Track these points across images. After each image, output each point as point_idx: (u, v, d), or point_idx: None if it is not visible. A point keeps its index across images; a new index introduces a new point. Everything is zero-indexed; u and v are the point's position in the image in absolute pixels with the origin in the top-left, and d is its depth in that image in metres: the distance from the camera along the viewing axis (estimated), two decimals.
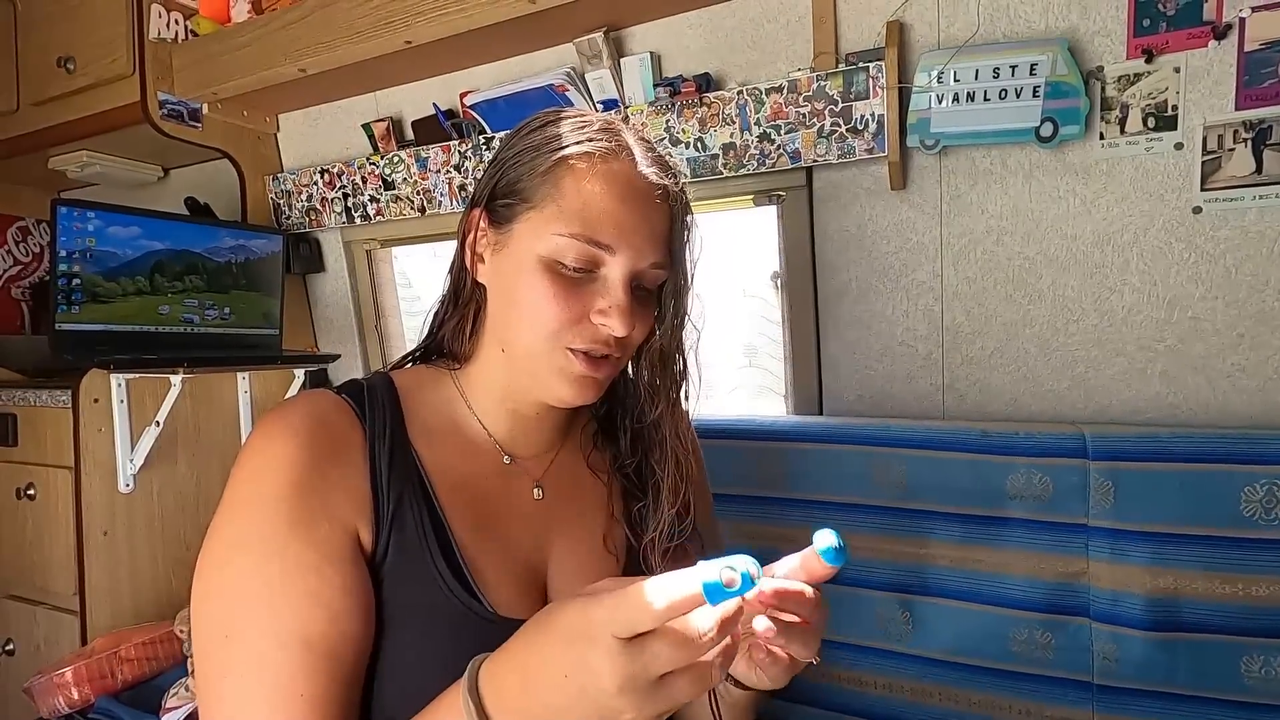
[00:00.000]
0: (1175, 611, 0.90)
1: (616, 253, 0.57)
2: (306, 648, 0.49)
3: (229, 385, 1.54)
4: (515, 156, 0.61)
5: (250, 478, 0.53)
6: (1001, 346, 1.10)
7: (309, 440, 0.54)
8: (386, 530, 0.56)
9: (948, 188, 1.10)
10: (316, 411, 0.57)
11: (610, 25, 1.24)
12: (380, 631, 0.54)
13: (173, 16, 1.49)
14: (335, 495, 0.54)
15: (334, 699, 0.50)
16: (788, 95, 1.11)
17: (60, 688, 1.15)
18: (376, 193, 1.53)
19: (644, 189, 0.59)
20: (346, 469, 0.56)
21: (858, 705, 1.04)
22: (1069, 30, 0.99)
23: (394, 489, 0.57)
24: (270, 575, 0.50)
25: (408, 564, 0.56)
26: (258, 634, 0.49)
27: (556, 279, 0.57)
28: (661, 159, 0.63)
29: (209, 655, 0.50)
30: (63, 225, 1.28)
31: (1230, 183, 0.94)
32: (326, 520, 0.53)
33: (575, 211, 0.56)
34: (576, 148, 0.58)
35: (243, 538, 0.52)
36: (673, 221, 0.62)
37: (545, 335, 0.57)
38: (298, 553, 0.51)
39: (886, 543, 1.03)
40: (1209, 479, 0.89)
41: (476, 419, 0.65)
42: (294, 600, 0.50)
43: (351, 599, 0.52)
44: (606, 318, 0.57)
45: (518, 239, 0.59)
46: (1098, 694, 0.93)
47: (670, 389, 0.66)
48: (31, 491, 1.38)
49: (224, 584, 0.51)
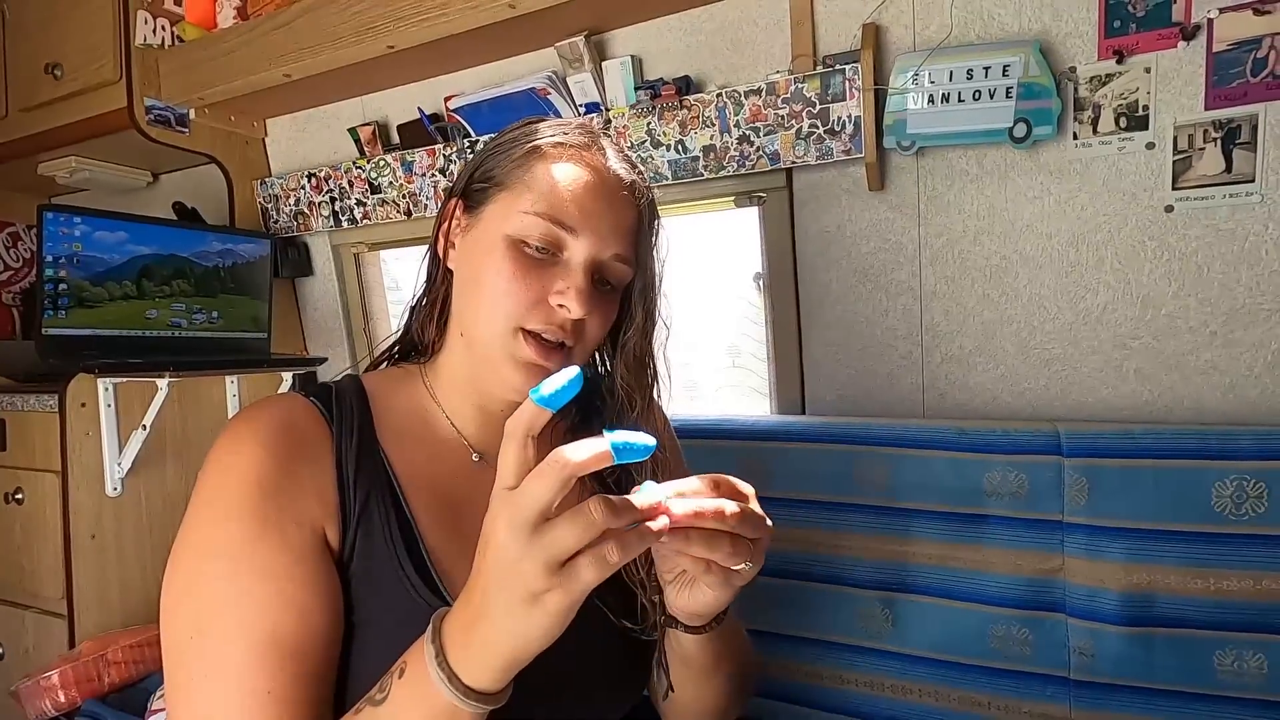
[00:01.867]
0: (1150, 607, 0.90)
1: (579, 236, 0.58)
2: (274, 646, 0.50)
3: (217, 389, 1.55)
4: (494, 148, 0.63)
5: (216, 481, 0.54)
6: (980, 345, 1.11)
7: (275, 442, 0.55)
8: (353, 532, 0.56)
9: (925, 188, 1.11)
10: (282, 414, 0.58)
11: (592, 29, 1.25)
12: (349, 633, 0.55)
13: (159, 23, 1.50)
14: (302, 497, 0.55)
15: (302, 698, 0.50)
16: (766, 97, 1.12)
17: (47, 691, 1.15)
18: (363, 196, 1.54)
19: (612, 181, 0.61)
20: (313, 470, 0.56)
21: (839, 703, 1.05)
22: (1041, 32, 1.00)
23: (361, 490, 0.57)
24: (237, 576, 0.51)
25: (375, 566, 0.56)
26: (225, 633, 0.50)
27: (519, 258, 0.58)
28: (632, 161, 0.65)
29: (177, 656, 0.51)
30: (49, 231, 1.29)
31: (1201, 182, 0.95)
32: (294, 521, 0.53)
33: (543, 193, 0.58)
34: (551, 138, 0.61)
35: (209, 541, 0.52)
36: (639, 219, 0.63)
37: (503, 314, 0.58)
38: (265, 554, 0.51)
39: (868, 541, 1.04)
40: (1182, 475, 0.90)
41: (445, 417, 0.65)
42: (261, 600, 0.50)
43: (319, 598, 0.53)
44: (564, 298, 0.58)
45: (487, 220, 0.61)
46: (1075, 689, 0.94)
47: (645, 390, 0.67)
48: (20, 496, 1.38)
49: (192, 586, 0.52)
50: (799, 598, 1.07)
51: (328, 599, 0.53)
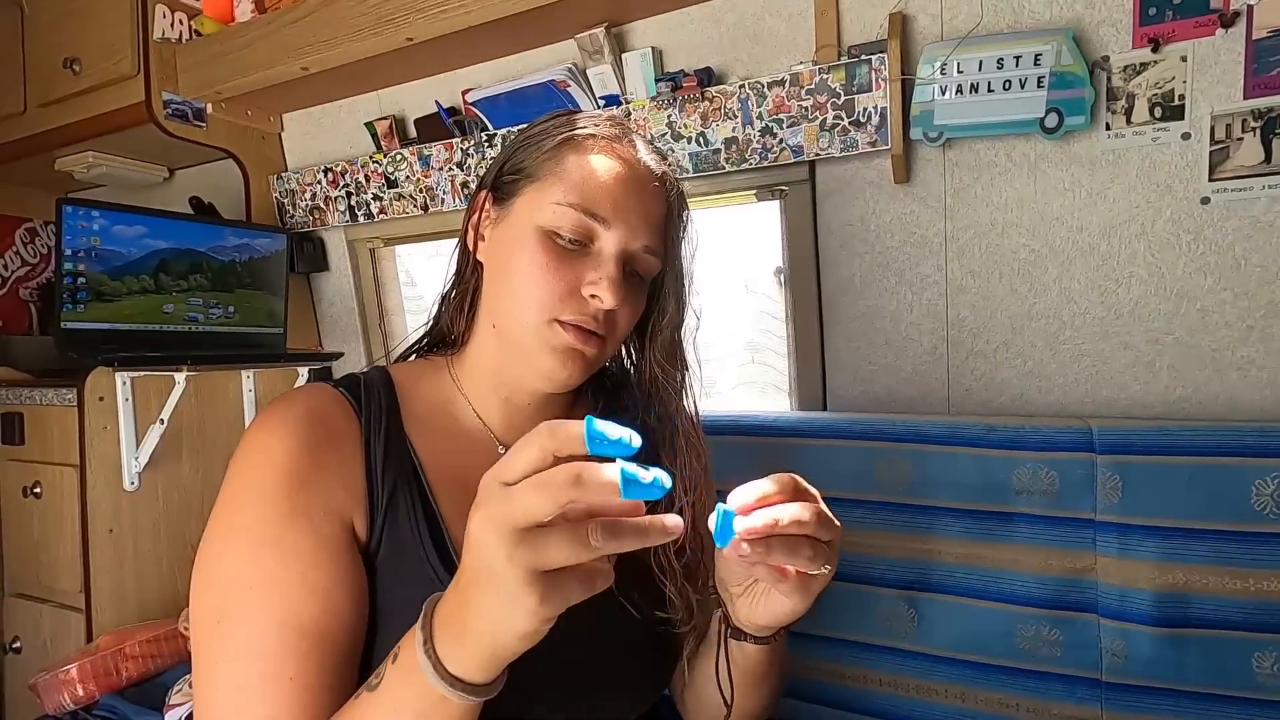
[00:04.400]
0: (1185, 607, 0.88)
1: (611, 227, 0.58)
2: (299, 633, 0.50)
3: (233, 384, 1.55)
4: (525, 140, 0.64)
5: (247, 469, 0.54)
6: (1007, 340, 1.09)
7: (305, 432, 0.55)
8: (380, 521, 0.56)
9: (952, 180, 1.09)
10: (313, 404, 0.58)
11: (611, 21, 1.24)
12: (373, 622, 0.55)
13: (177, 17, 1.50)
14: (330, 485, 0.55)
15: (325, 684, 0.50)
16: (790, 89, 1.10)
17: (65, 685, 1.15)
18: (380, 191, 1.54)
19: (643, 173, 0.61)
20: (342, 460, 0.56)
21: (863, 703, 1.04)
22: (1074, 20, 0.98)
23: (388, 480, 0.58)
24: (265, 562, 0.51)
25: (400, 555, 0.56)
26: (250, 619, 0.50)
27: (551, 249, 0.58)
28: (661, 153, 0.65)
29: (204, 640, 0.51)
30: (68, 224, 1.28)
31: (1239, 172, 0.93)
32: (322, 510, 0.53)
33: (575, 184, 0.59)
34: (583, 130, 0.61)
35: (239, 527, 0.52)
36: (669, 211, 0.63)
37: (536, 305, 0.58)
38: (293, 541, 0.52)
39: (892, 539, 1.02)
40: (1218, 473, 0.87)
41: (472, 409, 0.65)
42: (288, 587, 0.51)
43: (345, 586, 0.53)
44: (596, 288, 0.58)
45: (517, 212, 0.61)
46: (1106, 691, 0.92)
47: (676, 382, 0.67)
48: (38, 490, 1.38)
49: (220, 572, 0.52)
50: (821, 596, 1.05)
51: (353, 587, 0.53)
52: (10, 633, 1.48)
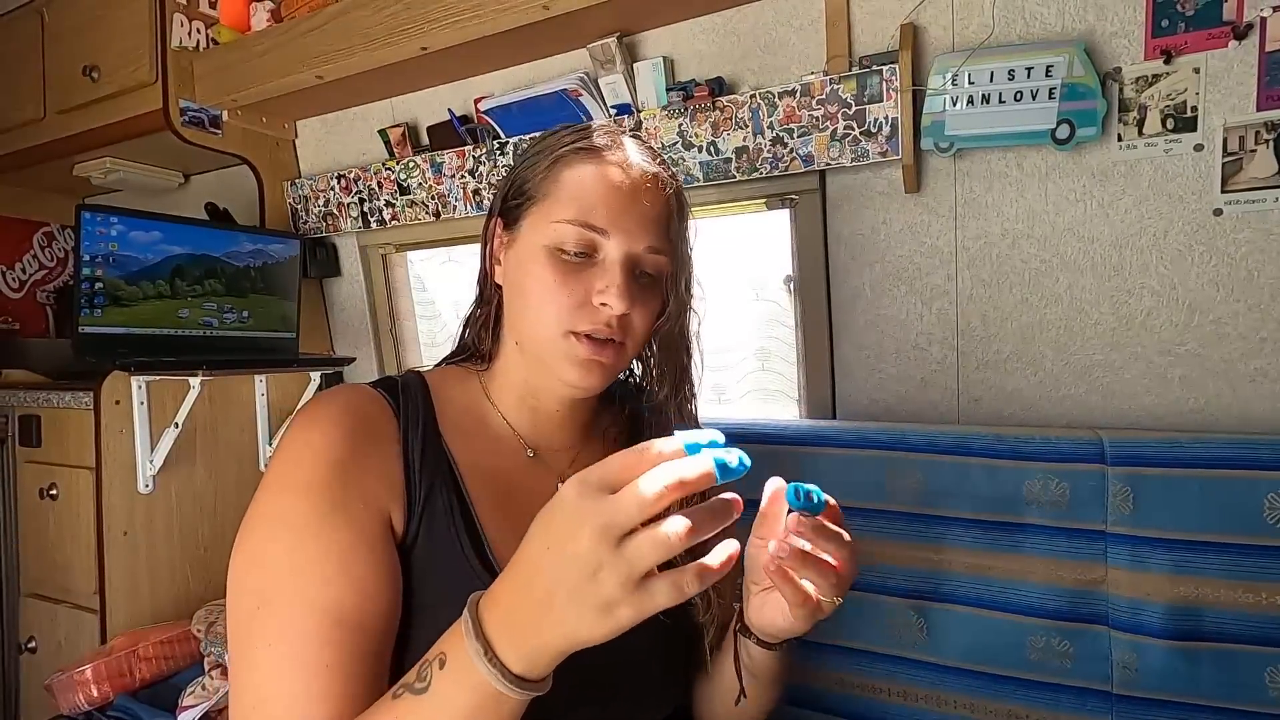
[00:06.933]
0: (1196, 620, 0.88)
1: (611, 235, 0.60)
2: (336, 621, 0.51)
3: (246, 388, 1.56)
4: (522, 164, 0.66)
5: (292, 460, 0.56)
6: (1017, 350, 1.09)
7: (348, 428, 0.57)
8: (418, 517, 0.58)
9: (962, 190, 1.09)
10: (355, 402, 0.60)
11: (623, 30, 1.25)
12: (408, 616, 0.56)
13: (194, 25, 1.52)
14: (371, 480, 0.57)
15: (360, 673, 0.51)
16: (800, 99, 1.11)
17: (80, 685, 1.17)
18: (392, 198, 1.55)
19: (636, 176, 0.63)
20: (382, 456, 0.59)
21: (871, 713, 1.03)
22: (1086, 31, 0.98)
23: (426, 477, 0.60)
24: (306, 550, 0.52)
25: (437, 550, 0.58)
26: (292, 605, 0.51)
27: (559, 265, 0.61)
28: (654, 153, 0.67)
29: (243, 623, 0.52)
30: (87, 230, 1.30)
31: (1252, 184, 0.93)
32: (362, 503, 0.55)
33: (571, 199, 0.61)
34: (572, 145, 0.63)
35: (282, 515, 0.54)
36: (668, 208, 0.64)
37: (551, 320, 0.60)
38: (335, 532, 0.53)
39: (901, 549, 1.02)
40: (1231, 486, 0.87)
41: (501, 416, 0.68)
42: (327, 576, 0.52)
43: (382, 579, 0.54)
44: (605, 295, 0.60)
45: (525, 234, 0.64)
46: (1117, 703, 0.91)
47: (684, 371, 0.69)
48: (54, 492, 1.40)
49: (262, 558, 0.53)
50: None
51: (389, 579, 0.55)
52: (26, 633, 1.50)
